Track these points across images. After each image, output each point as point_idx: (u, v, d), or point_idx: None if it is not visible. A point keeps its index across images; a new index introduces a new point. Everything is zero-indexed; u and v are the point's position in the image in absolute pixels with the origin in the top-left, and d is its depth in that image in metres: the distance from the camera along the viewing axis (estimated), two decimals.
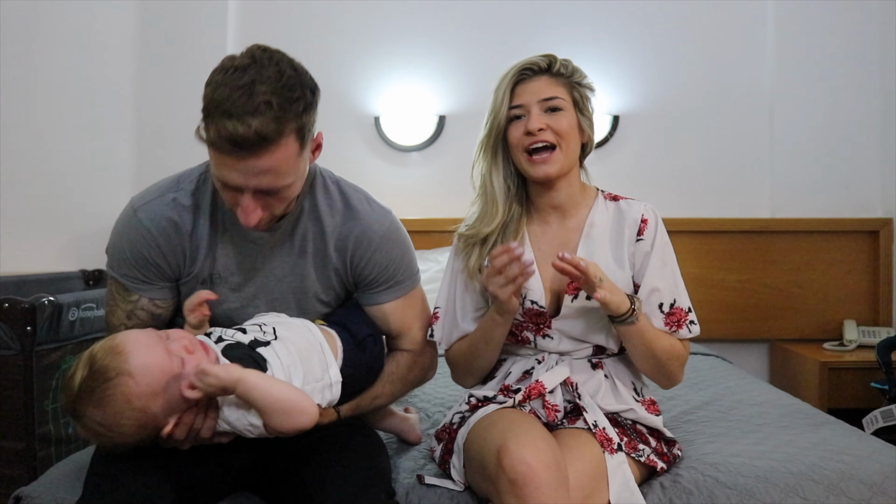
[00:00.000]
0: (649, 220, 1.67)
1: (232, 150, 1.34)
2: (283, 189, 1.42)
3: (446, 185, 3.53)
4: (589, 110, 1.69)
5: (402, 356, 1.67)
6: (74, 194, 3.35)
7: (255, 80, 1.34)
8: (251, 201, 1.41)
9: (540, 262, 1.67)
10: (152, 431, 1.36)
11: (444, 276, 1.77)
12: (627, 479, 1.49)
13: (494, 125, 1.66)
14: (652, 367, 1.64)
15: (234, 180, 1.38)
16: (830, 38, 3.49)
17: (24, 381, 2.16)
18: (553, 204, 1.69)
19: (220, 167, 1.38)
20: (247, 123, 1.31)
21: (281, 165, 1.38)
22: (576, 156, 1.68)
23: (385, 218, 1.64)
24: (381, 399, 1.59)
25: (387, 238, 1.62)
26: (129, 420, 1.32)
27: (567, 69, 1.67)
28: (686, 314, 1.65)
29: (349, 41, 3.61)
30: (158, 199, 1.56)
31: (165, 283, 1.59)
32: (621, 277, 1.64)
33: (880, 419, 2.60)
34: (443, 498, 1.55)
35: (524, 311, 1.65)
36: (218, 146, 1.35)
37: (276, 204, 1.45)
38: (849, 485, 1.55)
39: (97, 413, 1.32)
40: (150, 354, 1.34)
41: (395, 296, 1.66)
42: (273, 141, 1.34)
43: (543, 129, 1.62)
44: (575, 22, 3.56)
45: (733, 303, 3.48)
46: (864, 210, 3.50)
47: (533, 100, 1.63)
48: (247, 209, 1.41)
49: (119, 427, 1.33)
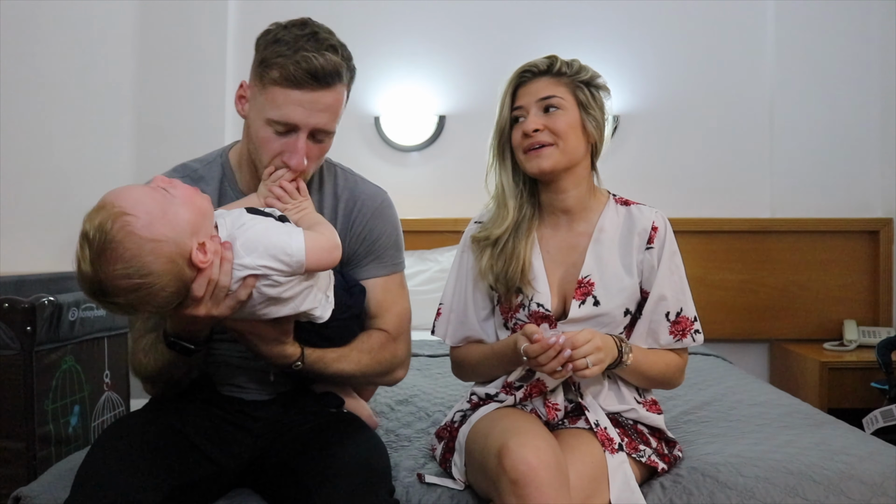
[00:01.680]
0: (659, 227, 1.66)
1: (306, 81, 1.45)
2: (329, 136, 1.53)
3: (446, 185, 3.54)
4: (597, 110, 1.66)
5: (375, 332, 1.65)
6: (74, 194, 3.35)
7: (318, 31, 1.50)
8: (306, 142, 1.49)
9: (548, 265, 1.67)
10: (184, 266, 1.30)
11: (450, 273, 1.78)
12: (628, 479, 1.49)
13: (499, 129, 1.69)
14: (650, 386, 1.69)
15: (297, 116, 1.47)
16: (830, 38, 3.49)
17: (24, 381, 2.16)
18: (561, 207, 1.69)
19: (285, 105, 1.46)
20: (325, 56, 1.46)
21: (337, 107, 1.51)
22: (577, 155, 1.65)
23: (379, 194, 1.70)
24: (346, 364, 1.56)
25: (379, 212, 1.67)
26: (151, 255, 1.26)
27: (571, 68, 1.66)
28: (691, 323, 1.66)
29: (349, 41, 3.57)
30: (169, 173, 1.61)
31: None
32: (629, 284, 1.64)
33: (880, 419, 2.60)
34: (443, 497, 1.55)
35: (530, 313, 1.65)
36: (292, 80, 1.45)
37: (317, 155, 1.54)
38: (849, 485, 1.55)
39: (118, 267, 1.25)
40: (133, 190, 1.31)
41: (379, 273, 1.67)
42: (340, 79, 1.50)
43: (540, 130, 1.62)
44: (575, 22, 3.56)
45: (733, 303, 3.48)
46: (864, 210, 3.50)
47: (531, 101, 1.64)
48: (302, 149, 1.49)
49: (148, 268, 1.26)
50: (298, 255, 1.35)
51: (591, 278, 1.64)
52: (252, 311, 1.40)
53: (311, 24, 1.52)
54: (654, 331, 1.65)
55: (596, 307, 1.62)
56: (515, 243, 1.65)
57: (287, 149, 1.50)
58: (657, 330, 1.64)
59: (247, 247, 1.35)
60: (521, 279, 1.64)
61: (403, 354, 1.70)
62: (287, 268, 1.35)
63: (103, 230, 1.26)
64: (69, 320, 2.33)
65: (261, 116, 1.50)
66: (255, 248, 1.35)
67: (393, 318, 1.68)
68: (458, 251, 1.77)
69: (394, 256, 1.70)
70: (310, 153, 1.52)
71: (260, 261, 1.34)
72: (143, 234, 1.27)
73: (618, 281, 1.64)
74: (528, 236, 1.67)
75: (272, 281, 1.36)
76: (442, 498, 1.55)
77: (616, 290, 1.63)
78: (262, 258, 1.34)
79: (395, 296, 1.70)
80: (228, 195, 1.63)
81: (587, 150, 1.68)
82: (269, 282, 1.36)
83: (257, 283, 1.35)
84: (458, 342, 1.75)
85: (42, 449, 2.18)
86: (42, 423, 2.20)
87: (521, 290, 1.65)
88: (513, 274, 1.64)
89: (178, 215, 1.31)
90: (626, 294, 1.64)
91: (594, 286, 1.63)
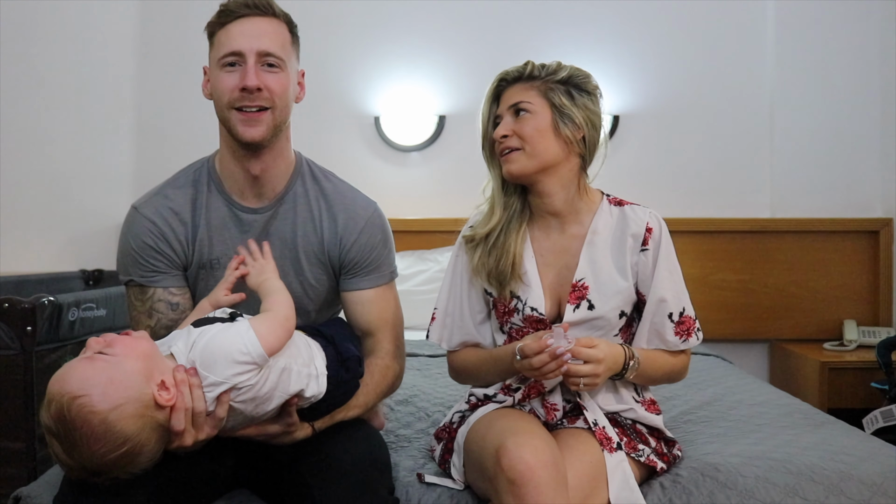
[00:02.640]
0: (654, 228, 1.65)
1: (242, 10, 1.56)
2: (282, 65, 1.58)
3: (446, 185, 3.54)
4: (574, 110, 1.62)
5: (375, 365, 1.65)
6: (74, 194, 3.35)
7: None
8: (255, 66, 1.55)
9: (541, 268, 1.67)
10: (154, 413, 1.27)
11: (444, 278, 1.77)
12: (627, 478, 1.50)
13: (482, 137, 1.71)
14: (653, 385, 1.71)
15: (242, 43, 1.55)
16: (830, 38, 3.49)
17: (24, 381, 2.16)
18: (550, 210, 1.68)
19: (228, 39, 1.56)
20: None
21: (278, 36, 1.59)
22: (549, 158, 1.62)
23: (370, 205, 1.71)
24: (356, 410, 1.59)
25: (371, 222, 1.68)
26: (119, 422, 1.23)
27: (544, 70, 1.64)
28: (693, 322, 1.66)
29: (349, 41, 3.61)
30: (157, 195, 1.65)
31: (177, 271, 1.63)
32: (624, 287, 1.64)
33: (880, 419, 2.60)
34: (443, 497, 1.55)
35: (524, 317, 1.65)
36: (229, 14, 1.57)
37: (276, 86, 1.57)
38: (849, 485, 1.55)
39: (95, 448, 1.22)
40: (73, 371, 1.26)
41: (375, 283, 1.68)
42: (273, 11, 1.60)
43: (508, 136, 1.63)
44: (575, 22, 3.56)
45: (733, 303, 3.48)
46: (864, 210, 3.49)
47: (504, 108, 1.66)
48: (252, 68, 1.55)
49: (122, 434, 1.23)
50: (255, 349, 1.33)
51: (586, 281, 1.63)
52: (243, 419, 1.39)
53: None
54: (660, 333, 1.64)
55: (590, 311, 1.62)
56: (506, 238, 1.66)
57: (240, 79, 1.55)
58: (662, 332, 1.64)
59: (206, 365, 1.32)
60: (511, 273, 1.64)
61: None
62: (253, 366, 1.34)
63: (63, 420, 1.22)
64: (69, 320, 2.33)
65: (215, 69, 1.58)
66: (214, 362, 1.32)
67: (390, 332, 1.70)
68: (451, 256, 1.77)
69: (388, 265, 1.72)
70: (267, 82, 1.56)
71: (226, 371, 1.32)
72: (102, 408, 1.22)
73: (612, 284, 1.63)
74: (519, 231, 1.67)
75: (245, 387, 1.34)
76: (442, 497, 1.55)
77: (610, 293, 1.63)
78: (226, 367, 1.32)
79: (390, 306, 1.71)
80: (214, 205, 1.63)
81: (567, 152, 1.64)
82: (239, 390, 1.34)
83: (231, 394, 1.34)
84: (455, 346, 1.75)
85: (42, 449, 2.18)
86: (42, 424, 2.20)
87: (515, 292, 1.65)
88: (503, 268, 1.64)
89: (126, 372, 1.26)
90: (621, 297, 1.63)
91: (588, 289, 1.63)
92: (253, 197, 1.64)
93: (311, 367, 1.47)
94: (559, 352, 1.45)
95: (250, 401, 1.37)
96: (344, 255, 1.66)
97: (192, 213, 1.62)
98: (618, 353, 1.55)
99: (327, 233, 1.65)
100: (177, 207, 1.62)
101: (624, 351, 1.57)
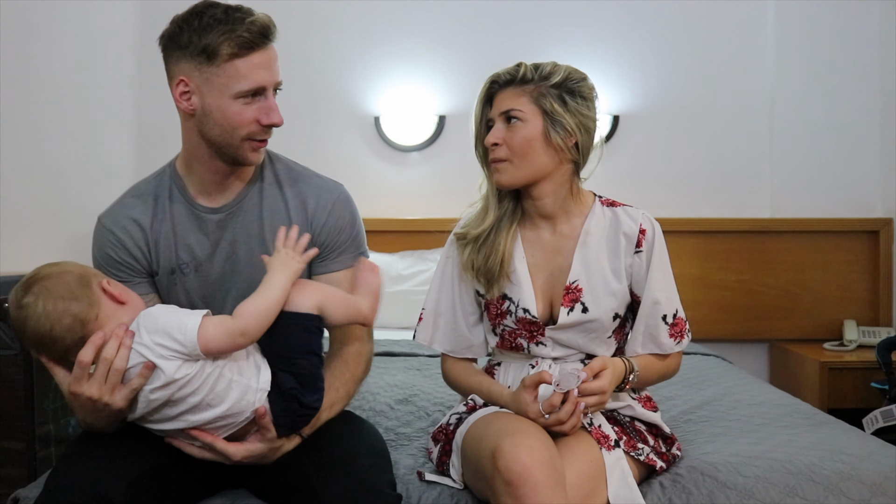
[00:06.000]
0: (647, 230, 1.65)
1: (260, 41, 1.50)
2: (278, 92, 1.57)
3: (446, 185, 3.53)
4: (566, 116, 1.59)
5: (349, 353, 1.64)
6: (74, 194, 3.35)
7: (226, 5, 1.53)
8: (274, 99, 1.54)
9: (532, 269, 1.67)
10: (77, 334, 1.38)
11: (433, 280, 1.77)
12: (626, 475, 1.50)
13: (475, 139, 1.70)
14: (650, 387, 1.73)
15: (264, 77, 1.51)
16: (830, 38, 3.49)
17: (24, 381, 2.16)
18: (541, 213, 1.68)
19: (251, 72, 1.50)
20: (256, 15, 1.51)
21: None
22: (540, 168, 1.61)
23: (336, 186, 1.70)
24: (339, 404, 1.59)
25: (339, 203, 1.67)
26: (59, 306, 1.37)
27: (537, 73, 1.61)
28: (685, 323, 1.67)
29: (349, 41, 3.61)
30: (118, 205, 1.66)
31: (143, 279, 1.63)
32: (618, 289, 1.64)
33: (880, 419, 2.60)
34: (443, 495, 1.56)
35: (517, 319, 1.65)
36: (248, 45, 1.49)
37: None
38: (849, 485, 1.55)
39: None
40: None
41: (346, 265, 1.66)
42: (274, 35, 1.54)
43: (498, 144, 1.62)
44: (575, 22, 3.56)
45: (733, 303, 3.47)
46: (864, 210, 3.49)
47: (496, 112, 1.64)
48: (275, 107, 1.54)
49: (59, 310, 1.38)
50: (191, 338, 1.36)
51: (579, 284, 1.63)
52: (178, 420, 1.39)
53: (211, 3, 1.55)
54: (654, 336, 1.64)
55: (584, 314, 1.62)
56: (496, 236, 1.66)
57: (261, 112, 1.53)
58: (657, 335, 1.64)
59: (147, 327, 1.38)
60: (500, 271, 1.63)
61: (372, 347, 1.70)
62: (181, 347, 1.36)
63: (25, 284, 1.43)
64: None
65: (225, 95, 1.52)
66: (154, 329, 1.38)
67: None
68: (441, 257, 1.76)
69: (356, 247, 1.69)
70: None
71: (155, 337, 1.37)
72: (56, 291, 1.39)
73: (606, 286, 1.63)
74: (510, 230, 1.67)
75: (176, 381, 1.36)
76: (442, 496, 1.56)
77: (604, 296, 1.63)
78: (157, 336, 1.37)
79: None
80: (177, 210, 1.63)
81: (559, 159, 1.62)
82: (176, 381, 1.36)
83: (170, 388, 1.36)
84: (449, 349, 1.75)
85: (42, 449, 2.19)
86: (42, 423, 2.20)
87: (504, 292, 1.65)
88: (492, 265, 1.64)
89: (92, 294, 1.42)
90: (616, 299, 1.64)
91: (582, 292, 1.63)
92: (218, 194, 1.62)
93: (254, 380, 1.44)
94: (575, 394, 1.47)
95: (170, 401, 1.38)
96: (315, 238, 1.62)
97: (151, 220, 1.62)
98: (619, 371, 1.56)
99: (297, 217, 1.63)
100: (136, 215, 1.61)
101: (624, 365, 1.57)
